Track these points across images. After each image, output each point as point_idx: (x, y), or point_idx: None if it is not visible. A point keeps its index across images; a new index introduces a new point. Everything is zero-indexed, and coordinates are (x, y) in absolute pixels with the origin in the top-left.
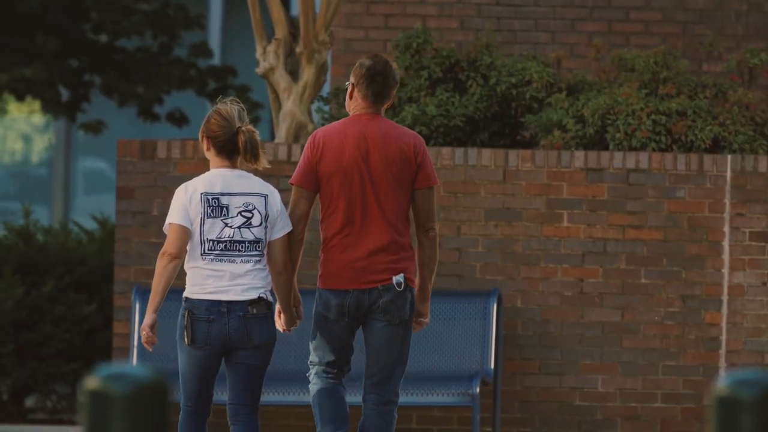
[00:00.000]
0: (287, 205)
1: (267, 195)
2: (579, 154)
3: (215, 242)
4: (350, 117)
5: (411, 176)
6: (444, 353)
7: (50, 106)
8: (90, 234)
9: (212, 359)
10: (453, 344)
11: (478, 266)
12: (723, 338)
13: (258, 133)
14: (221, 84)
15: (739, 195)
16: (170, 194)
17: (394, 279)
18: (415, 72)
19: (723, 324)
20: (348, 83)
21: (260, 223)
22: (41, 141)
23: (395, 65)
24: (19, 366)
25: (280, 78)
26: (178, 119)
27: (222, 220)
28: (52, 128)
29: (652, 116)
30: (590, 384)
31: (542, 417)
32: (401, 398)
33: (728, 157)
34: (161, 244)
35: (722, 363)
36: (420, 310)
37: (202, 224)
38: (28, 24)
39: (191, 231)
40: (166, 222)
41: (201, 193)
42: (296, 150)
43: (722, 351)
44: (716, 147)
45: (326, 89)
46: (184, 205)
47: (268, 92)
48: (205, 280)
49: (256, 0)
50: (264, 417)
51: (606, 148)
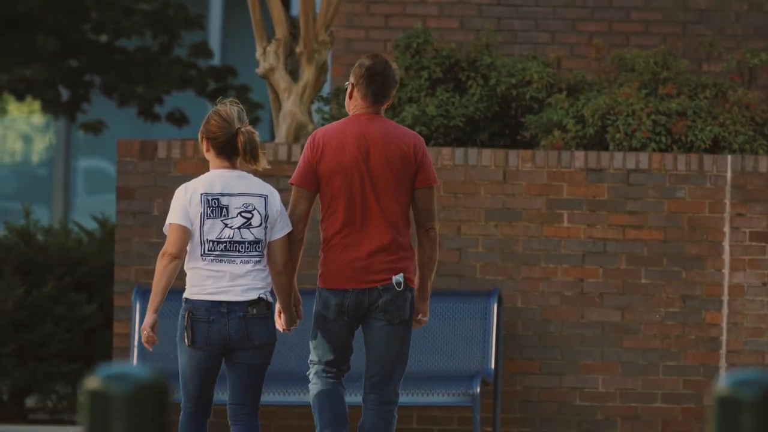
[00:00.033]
0: (287, 206)
1: (267, 195)
2: (579, 155)
3: (215, 243)
4: (350, 117)
5: (411, 176)
6: (444, 353)
7: (50, 106)
8: (90, 234)
9: (212, 360)
10: (453, 344)
11: (479, 266)
12: (723, 338)
13: (257, 134)
14: (221, 84)
15: (740, 195)
16: (170, 194)
17: (394, 279)
18: (415, 72)
19: (723, 324)
20: (348, 83)
21: (260, 224)
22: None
23: (395, 65)
24: (20, 366)
25: (280, 78)
26: (178, 119)
27: (222, 221)
28: (53, 128)
29: (652, 116)
30: (590, 384)
31: (542, 417)
32: (401, 398)
33: (728, 158)
34: (161, 244)
35: (722, 363)
36: (419, 309)
37: (202, 225)
38: (28, 24)
39: (191, 231)
40: (167, 222)
41: (201, 194)
42: (296, 150)
43: (722, 351)
44: (716, 147)
45: (326, 89)
46: (184, 206)
47: (268, 92)
48: (205, 281)
49: (256, 0)
50: (264, 417)
51: (606, 149)
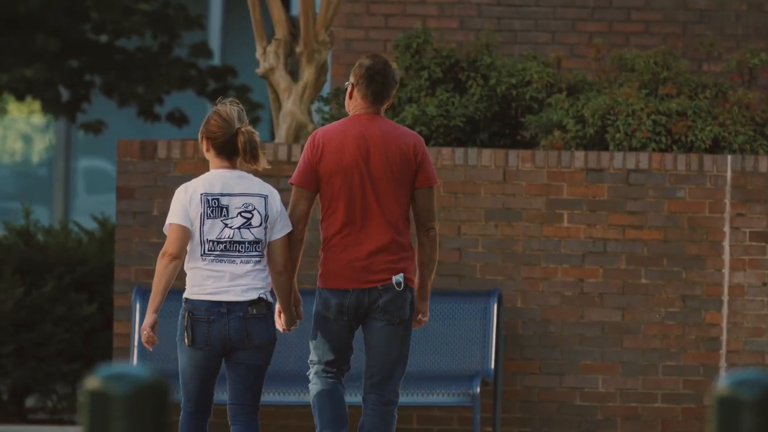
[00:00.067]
0: (287, 206)
1: (267, 196)
2: (579, 155)
3: (215, 243)
4: (350, 117)
5: (411, 176)
6: (444, 353)
7: (50, 106)
8: (90, 234)
9: (212, 360)
10: (453, 344)
11: (479, 266)
12: (723, 338)
13: (257, 134)
14: (221, 84)
15: (740, 195)
16: (170, 194)
17: (394, 279)
18: (416, 72)
19: (723, 324)
20: (348, 83)
21: (260, 224)
22: (41, 141)
23: (395, 65)
24: (20, 366)
25: (281, 78)
26: (178, 119)
27: (222, 221)
28: (53, 128)
29: (652, 116)
30: (591, 384)
31: (543, 417)
32: (401, 398)
33: (728, 158)
34: (161, 244)
35: (723, 363)
36: (419, 309)
37: (202, 225)
38: (29, 24)
39: (191, 231)
40: (167, 223)
41: (201, 194)
42: (296, 150)
43: (723, 351)
44: (716, 147)
45: (326, 89)
46: (184, 206)
47: (268, 92)
48: (205, 281)
49: (257, 0)
50: (264, 417)
51: (606, 149)
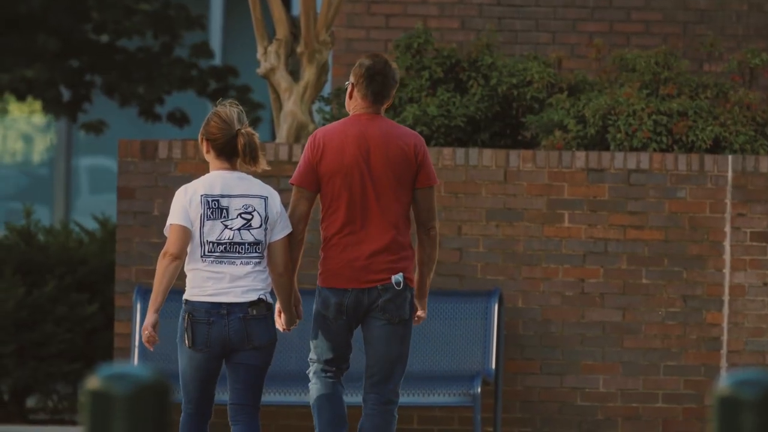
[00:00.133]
0: (287, 206)
1: (267, 197)
2: (580, 155)
3: (215, 244)
4: (350, 117)
5: (412, 176)
6: (445, 353)
7: (51, 106)
8: (91, 234)
9: (212, 361)
10: (454, 344)
11: (479, 266)
12: (724, 338)
13: (257, 136)
14: (222, 84)
15: (740, 195)
16: (171, 194)
17: (393, 278)
18: (416, 72)
19: (724, 324)
20: (348, 83)
21: (260, 225)
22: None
23: (395, 65)
24: (20, 366)
25: (281, 78)
26: (179, 119)
27: (222, 222)
28: (53, 128)
29: (653, 116)
30: (591, 384)
31: (543, 417)
32: (402, 398)
33: (729, 158)
34: (162, 245)
35: (723, 363)
36: (417, 306)
37: (202, 226)
38: (30, 24)
39: (192, 232)
40: (167, 224)
41: (201, 195)
42: (297, 150)
43: (723, 351)
44: (717, 147)
45: (327, 89)
46: (184, 207)
47: (269, 92)
48: (205, 282)
49: (257, 0)
50: (265, 417)
51: (607, 149)
